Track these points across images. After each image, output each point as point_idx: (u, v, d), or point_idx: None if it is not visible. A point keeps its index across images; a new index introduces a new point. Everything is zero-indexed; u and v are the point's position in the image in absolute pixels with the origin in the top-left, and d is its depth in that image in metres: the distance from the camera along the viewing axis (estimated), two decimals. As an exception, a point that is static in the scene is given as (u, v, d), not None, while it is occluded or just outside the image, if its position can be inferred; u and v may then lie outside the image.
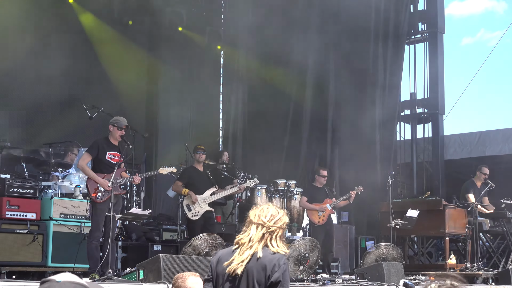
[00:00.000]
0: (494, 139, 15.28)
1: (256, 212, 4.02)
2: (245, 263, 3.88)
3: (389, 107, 14.36)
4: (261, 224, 3.96)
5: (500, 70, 27.46)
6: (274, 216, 3.99)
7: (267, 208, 4.03)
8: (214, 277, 4.04)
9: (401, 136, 15.52)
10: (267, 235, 3.95)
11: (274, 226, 3.97)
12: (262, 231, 3.95)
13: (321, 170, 11.01)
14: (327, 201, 10.72)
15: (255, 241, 3.93)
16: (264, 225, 3.95)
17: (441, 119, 15.17)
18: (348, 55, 13.96)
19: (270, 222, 3.97)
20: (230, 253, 4.02)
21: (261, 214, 3.99)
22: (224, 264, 3.96)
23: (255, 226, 3.97)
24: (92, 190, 7.80)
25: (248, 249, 3.92)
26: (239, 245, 3.99)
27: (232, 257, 3.95)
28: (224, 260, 3.99)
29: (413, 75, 15.34)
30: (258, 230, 3.96)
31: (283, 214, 4.04)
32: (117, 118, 8.13)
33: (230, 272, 3.91)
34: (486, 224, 11.68)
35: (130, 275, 7.20)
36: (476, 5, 29.82)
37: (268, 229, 3.96)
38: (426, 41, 15.32)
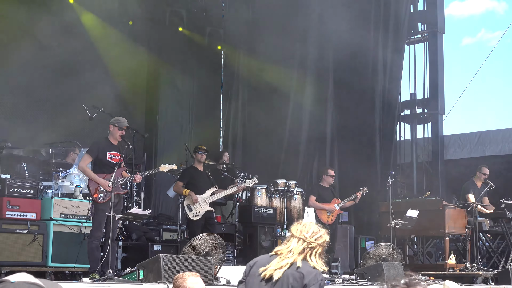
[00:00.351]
0: (494, 139, 15.29)
1: (298, 227, 4.12)
2: (283, 270, 3.97)
3: (389, 107, 14.37)
4: (302, 238, 4.06)
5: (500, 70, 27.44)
6: (315, 233, 4.10)
7: (309, 225, 4.14)
8: (248, 279, 4.12)
9: (401, 136, 15.54)
10: (308, 250, 4.05)
11: (315, 243, 4.07)
12: (302, 246, 4.05)
13: (329, 170, 11.06)
14: (335, 201, 10.79)
15: (295, 253, 4.03)
16: (305, 240, 4.06)
17: (441, 119, 15.18)
18: (348, 55, 13.96)
19: (312, 238, 4.07)
20: (268, 258, 4.12)
21: (303, 230, 4.09)
22: (260, 269, 4.04)
23: (296, 240, 4.07)
24: (93, 191, 7.81)
25: (287, 258, 4.02)
26: (277, 255, 4.08)
27: (270, 263, 4.04)
28: (261, 265, 4.08)
29: (413, 75, 15.37)
30: (298, 243, 4.05)
31: (324, 232, 4.16)
32: (118, 118, 8.13)
33: (265, 276, 3.99)
34: (486, 224, 11.68)
35: (130, 275, 7.20)
36: (476, 5, 29.81)
37: (309, 245, 4.06)
38: (426, 41, 15.34)
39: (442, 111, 15.20)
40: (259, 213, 10.98)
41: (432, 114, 15.13)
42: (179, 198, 10.46)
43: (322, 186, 11.01)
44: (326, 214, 10.67)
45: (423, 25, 15.50)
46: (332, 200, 10.82)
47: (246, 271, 4.17)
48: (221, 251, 7.63)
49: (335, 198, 10.88)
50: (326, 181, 10.99)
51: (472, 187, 11.70)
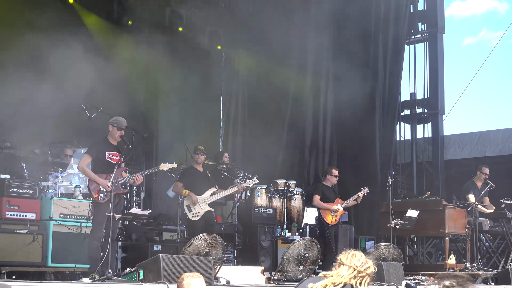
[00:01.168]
0: (494, 139, 15.30)
1: (348, 256, 4.23)
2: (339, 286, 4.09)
3: (389, 107, 14.37)
4: (353, 267, 4.17)
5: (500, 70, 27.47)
6: (365, 263, 4.21)
7: (359, 254, 4.25)
8: None
9: (401, 136, 15.55)
10: (358, 278, 4.16)
11: (364, 272, 4.17)
12: (353, 273, 4.15)
13: (333, 170, 11.04)
14: (338, 201, 10.79)
15: (346, 278, 4.14)
16: (355, 269, 4.16)
17: (441, 119, 15.19)
18: (348, 54, 13.96)
19: (361, 267, 4.17)
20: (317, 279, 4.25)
21: (353, 259, 4.20)
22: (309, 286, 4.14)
23: (346, 268, 4.18)
24: (94, 191, 7.79)
25: (339, 278, 4.14)
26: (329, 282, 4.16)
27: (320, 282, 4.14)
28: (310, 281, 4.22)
29: (413, 75, 15.39)
30: (349, 271, 4.16)
31: (372, 263, 4.27)
32: (117, 118, 8.11)
33: None
34: (486, 224, 11.68)
35: (130, 275, 7.20)
36: (478, 5, 29.83)
37: (359, 273, 4.16)
38: (426, 41, 15.35)
39: (442, 111, 15.21)
40: (259, 213, 10.97)
41: (432, 114, 15.14)
42: (179, 198, 10.45)
43: (325, 186, 10.99)
44: (331, 214, 10.66)
45: (423, 25, 15.51)
46: (336, 200, 10.81)
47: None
48: (221, 251, 7.62)
49: (338, 198, 10.87)
50: (329, 181, 10.97)
51: (472, 187, 11.70)
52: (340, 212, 10.73)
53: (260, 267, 8.71)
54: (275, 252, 10.71)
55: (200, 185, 9.62)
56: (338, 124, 14.52)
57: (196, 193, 9.51)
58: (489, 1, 29.25)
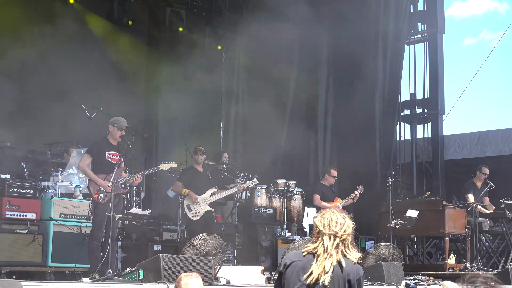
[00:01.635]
0: (494, 139, 15.29)
1: (325, 222, 4.07)
2: (330, 274, 3.92)
3: (389, 107, 14.36)
4: (333, 234, 4.02)
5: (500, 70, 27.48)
6: (342, 224, 4.06)
7: (335, 216, 4.08)
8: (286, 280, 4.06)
9: (401, 136, 15.54)
10: (341, 244, 4.02)
11: (345, 234, 4.03)
12: (336, 241, 4.01)
13: (332, 170, 11.06)
14: (337, 199, 10.80)
15: (332, 252, 3.98)
16: (336, 235, 4.02)
17: (441, 119, 15.18)
18: (348, 54, 13.95)
19: (342, 231, 4.03)
20: (303, 259, 4.03)
21: (330, 224, 4.04)
22: (303, 277, 3.96)
23: (327, 237, 4.02)
24: (94, 191, 7.80)
25: (328, 258, 3.97)
26: (313, 255, 4.02)
27: (310, 266, 3.97)
28: (299, 267, 4.01)
29: (413, 75, 15.38)
30: (331, 240, 4.01)
31: (348, 219, 4.12)
32: (117, 118, 8.11)
33: (311, 282, 3.93)
34: (485, 224, 11.68)
35: (130, 275, 7.20)
36: (478, 6, 29.84)
37: (341, 238, 4.02)
38: (426, 41, 15.34)
39: (442, 111, 15.20)
40: (259, 213, 10.98)
41: (432, 114, 15.13)
42: (179, 198, 10.46)
43: (323, 185, 11.02)
44: None
45: (423, 25, 15.50)
46: (335, 199, 10.84)
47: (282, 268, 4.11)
48: (221, 251, 7.62)
49: (337, 197, 10.89)
50: (327, 181, 11.00)
51: (472, 187, 11.70)
52: (339, 211, 10.72)
53: (260, 267, 8.70)
54: (275, 252, 10.71)
55: (200, 185, 9.63)
56: (338, 124, 14.52)
57: (196, 193, 9.51)
58: (489, 1, 29.26)
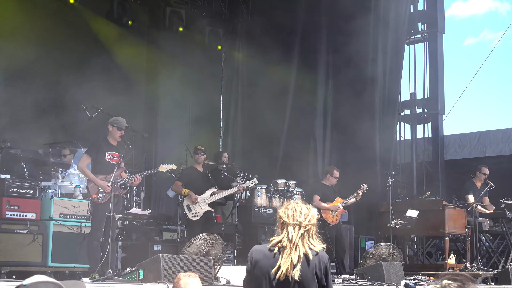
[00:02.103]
0: (494, 139, 15.29)
1: (289, 213, 4.02)
2: (298, 268, 3.88)
3: (389, 107, 14.35)
4: (298, 224, 3.97)
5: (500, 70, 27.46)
6: (307, 214, 4.02)
7: (299, 207, 4.04)
8: (254, 277, 4.01)
9: (401, 136, 15.53)
10: (306, 234, 3.98)
11: (309, 224, 4.00)
12: (300, 231, 3.96)
13: (334, 171, 10.94)
14: (338, 199, 10.75)
15: (298, 242, 3.94)
16: (301, 225, 3.97)
17: (441, 119, 15.17)
18: (347, 54, 13.95)
19: (306, 221, 3.99)
20: (269, 255, 3.98)
21: (294, 214, 4.00)
22: (272, 271, 3.91)
23: (292, 227, 3.97)
24: (93, 192, 7.80)
25: (294, 250, 3.93)
26: (279, 248, 3.97)
27: (278, 261, 3.92)
28: (266, 266, 3.96)
29: (413, 75, 15.37)
30: (296, 230, 3.96)
31: (311, 208, 4.09)
32: (116, 118, 8.11)
33: (280, 276, 3.88)
34: (485, 224, 11.68)
35: (130, 275, 7.20)
36: (479, 6, 29.82)
37: (305, 228, 3.98)
38: (426, 41, 15.33)
39: (442, 111, 15.19)
40: (259, 213, 10.98)
41: (432, 114, 15.12)
42: (179, 198, 10.46)
43: (324, 185, 10.93)
44: (331, 214, 10.64)
45: (423, 25, 15.49)
46: (336, 199, 10.78)
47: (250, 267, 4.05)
48: (221, 251, 7.62)
49: (338, 197, 10.83)
50: (329, 181, 10.90)
51: (471, 187, 11.70)
52: (340, 211, 10.71)
53: (260, 267, 8.68)
54: (275, 252, 10.69)
55: (200, 185, 9.63)
56: (338, 124, 14.51)
57: (196, 193, 9.51)
58: (490, 1, 29.24)
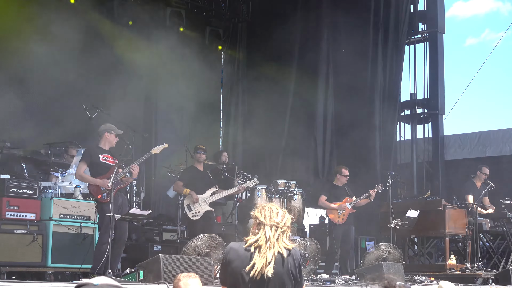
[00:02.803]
0: (494, 139, 15.28)
1: (266, 214, 4.10)
2: (272, 265, 3.94)
3: (389, 107, 14.35)
4: (275, 225, 4.06)
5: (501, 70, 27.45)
6: (283, 216, 4.12)
7: (275, 208, 4.14)
8: (228, 276, 4.05)
9: (401, 136, 15.52)
10: (282, 235, 4.07)
11: (285, 226, 4.09)
12: (277, 232, 4.05)
13: (343, 170, 10.94)
14: (347, 199, 10.72)
15: (273, 242, 4.01)
16: (278, 226, 4.06)
17: (441, 119, 15.17)
18: (348, 54, 13.95)
19: (282, 223, 4.08)
20: (245, 254, 4.02)
21: (271, 215, 4.09)
22: (246, 269, 3.96)
23: (269, 227, 4.05)
24: (96, 193, 7.79)
25: (269, 249, 3.99)
26: (255, 247, 4.02)
27: (252, 259, 3.97)
28: (241, 266, 4.00)
29: (413, 75, 15.35)
30: (273, 230, 4.05)
31: (286, 212, 4.19)
32: (110, 125, 8.14)
33: (255, 274, 3.93)
34: (486, 224, 11.67)
35: (130, 275, 7.19)
36: (480, 6, 29.78)
37: (282, 229, 4.07)
38: (426, 41, 15.32)
39: (442, 111, 15.19)
40: (259, 213, 10.95)
41: (432, 114, 15.11)
42: (179, 198, 10.45)
43: (335, 185, 10.92)
44: (337, 214, 10.62)
45: (423, 25, 15.48)
46: (344, 199, 10.75)
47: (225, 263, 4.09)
48: (221, 251, 7.61)
49: (347, 197, 10.80)
50: (339, 181, 10.88)
51: (472, 187, 11.69)
52: (348, 210, 10.66)
53: (260, 267, 8.67)
54: (275, 252, 10.69)
55: (200, 185, 9.62)
56: (338, 124, 14.51)
57: (197, 193, 9.50)
58: (492, 1, 29.20)
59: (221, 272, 4.16)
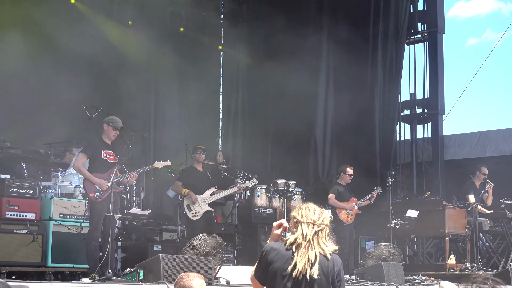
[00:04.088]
0: (494, 139, 15.27)
1: (302, 212, 4.04)
2: (317, 266, 3.88)
3: (389, 107, 14.35)
4: (312, 223, 3.98)
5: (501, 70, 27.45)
6: (320, 214, 4.04)
7: (312, 207, 4.07)
8: (269, 277, 3.98)
9: (401, 136, 15.52)
10: (320, 233, 3.99)
11: (322, 224, 4.01)
12: (314, 230, 3.97)
13: (347, 169, 10.93)
14: (353, 200, 10.74)
15: (312, 240, 3.95)
16: (315, 224, 3.98)
17: (441, 119, 15.16)
18: (348, 55, 13.95)
19: (320, 221, 4.00)
20: (285, 252, 3.97)
21: (308, 214, 4.02)
22: (288, 269, 3.90)
23: (306, 225, 3.98)
24: (90, 190, 7.80)
25: (310, 248, 3.93)
26: (294, 245, 3.97)
27: (293, 258, 3.91)
28: (280, 260, 3.95)
29: (413, 75, 15.35)
30: (310, 228, 3.97)
31: (324, 210, 4.12)
32: (113, 117, 8.11)
33: (297, 274, 3.87)
34: (486, 224, 11.68)
35: (130, 275, 7.19)
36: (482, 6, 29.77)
37: (319, 227, 3.99)
38: (426, 41, 15.32)
39: (442, 111, 15.19)
40: (259, 213, 10.97)
41: (432, 114, 15.11)
42: (179, 198, 10.45)
43: (340, 184, 10.92)
44: (346, 213, 10.63)
45: (423, 25, 15.48)
46: (351, 199, 10.76)
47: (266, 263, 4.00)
48: (221, 251, 7.62)
49: (353, 197, 10.80)
50: (344, 180, 10.88)
51: (471, 187, 11.70)
52: (355, 211, 10.70)
53: (260, 267, 8.68)
54: (275, 252, 10.68)
55: (200, 185, 9.62)
56: (338, 124, 14.51)
57: (196, 193, 9.51)
58: (494, 2, 29.19)
59: (259, 272, 4.04)
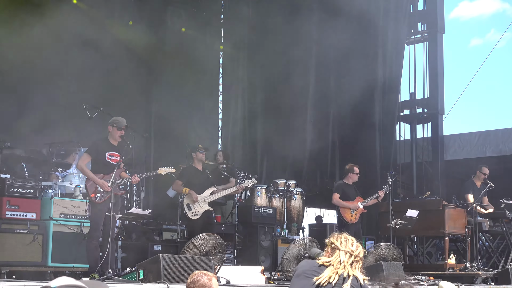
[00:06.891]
0: (494, 139, 15.29)
1: (342, 241, 4.25)
2: (349, 282, 4.08)
3: (389, 107, 14.37)
4: (349, 252, 4.20)
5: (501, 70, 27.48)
6: (358, 246, 4.27)
7: (351, 239, 4.29)
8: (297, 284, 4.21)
9: (401, 136, 15.54)
10: (355, 263, 4.21)
11: (358, 256, 4.23)
12: (351, 259, 4.19)
13: (354, 167, 10.83)
14: (358, 199, 10.68)
15: (347, 266, 4.16)
16: (352, 253, 4.20)
17: (441, 119, 15.19)
18: (347, 55, 13.97)
19: (356, 252, 4.22)
20: (317, 267, 4.21)
21: (347, 244, 4.23)
22: (314, 279, 4.11)
23: (344, 253, 4.20)
24: (91, 191, 7.81)
25: (343, 269, 4.14)
26: (327, 266, 4.18)
27: (325, 273, 4.12)
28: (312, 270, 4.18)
29: (413, 75, 15.39)
30: (347, 256, 4.19)
31: (361, 245, 4.35)
32: (116, 118, 8.14)
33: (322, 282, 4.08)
34: (485, 224, 11.69)
35: (130, 275, 7.21)
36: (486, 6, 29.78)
37: (355, 258, 4.21)
38: (426, 41, 15.35)
39: (442, 111, 15.21)
40: (259, 213, 10.98)
41: (432, 114, 15.14)
42: (179, 198, 10.46)
43: (346, 184, 10.83)
44: (350, 213, 10.58)
45: (423, 25, 15.51)
46: (356, 198, 10.71)
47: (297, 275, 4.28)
48: (221, 251, 7.62)
49: (358, 196, 10.76)
50: (351, 179, 10.77)
51: (471, 187, 11.70)
52: (360, 210, 10.64)
53: (260, 267, 8.71)
54: (275, 252, 10.71)
55: (199, 184, 9.62)
56: (339, 124, 14.53)
57: (196, 192, 9.51)
58: (498, 2, 29.21)
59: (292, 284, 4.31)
